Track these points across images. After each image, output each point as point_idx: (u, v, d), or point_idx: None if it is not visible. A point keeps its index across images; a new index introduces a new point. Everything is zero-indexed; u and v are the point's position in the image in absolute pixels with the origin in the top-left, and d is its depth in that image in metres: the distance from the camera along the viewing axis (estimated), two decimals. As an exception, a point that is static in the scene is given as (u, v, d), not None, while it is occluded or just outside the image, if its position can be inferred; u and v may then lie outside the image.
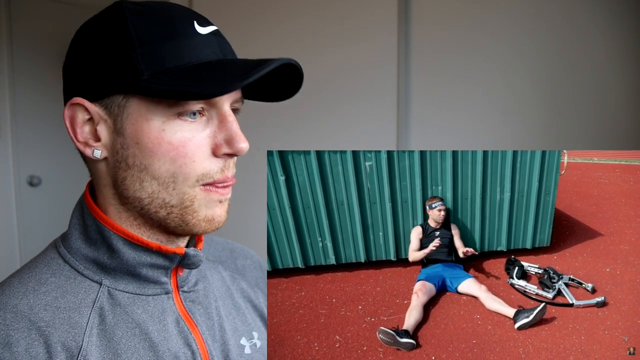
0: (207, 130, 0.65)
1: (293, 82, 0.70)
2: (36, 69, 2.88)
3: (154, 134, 0.63)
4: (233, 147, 0.65)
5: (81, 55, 0.65)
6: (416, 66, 2.26)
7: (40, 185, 3.05)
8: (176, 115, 0.63)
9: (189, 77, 0.61)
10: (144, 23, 0.62)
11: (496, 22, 2.13)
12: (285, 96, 0.72)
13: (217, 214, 0.68)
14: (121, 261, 0.67)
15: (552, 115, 2.07)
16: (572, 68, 2.02)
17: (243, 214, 2.31)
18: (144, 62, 0.61)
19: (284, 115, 2.39)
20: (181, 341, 0.69)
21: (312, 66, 2.36)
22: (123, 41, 0.62)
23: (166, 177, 0.64)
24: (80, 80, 0.65)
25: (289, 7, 2.40)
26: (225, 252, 0.88)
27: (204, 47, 0.64)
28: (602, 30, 1.97)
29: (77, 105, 0.65)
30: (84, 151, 0.66)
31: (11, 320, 0.61)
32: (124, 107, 0.63)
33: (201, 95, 0.60)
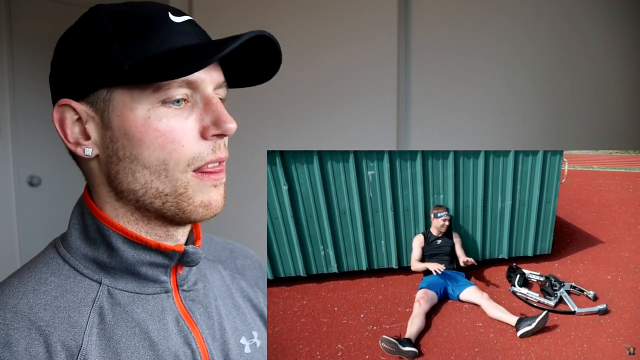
0: (193, 115, 0.66)
1: (273, 58, 0.71)
2: (36, 69, 2.87)
3: (140, 122, 0.64)
4: (221, 128, 0.65)
5: (64, 58, 0.67)
6: (416, 66, 2.26)
7: (40, 185, 3.05)
8: (160, 102, 0.64)
9: (167, 60, 0.62)
10: (120, 20, 0.64)
11: (496, 22, 2.12)
12: (269, 75, 0.73)
13: (214, 198, 0.68)
14: (120, 260, 0.67)
15: (552, 115, 2.07)
16: (572, 68, 2.02)
17: (243, 214, 2.31)
18: (123, 55, 0.63)
19: (284, 115, 2.39)
20: (181, 340, 0.69)
21: (312, 66, 2.36)
22: (101, 38, 0.63)
23: (157, 165, 0.65)
24: (65, 82, 0.67)
25: (289, 7, 2.40)
26: (225, 251, 0.88)
27: (180, 34, 0.65)
28: (602, 30, 1.97)
29: (64, 106, 0.66)
30: (75, 151, 0.67)
31: (11, 319, 0.61)
32: (109, 100, 0.64)
33: (180, 73, 0.61)
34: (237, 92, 0.82)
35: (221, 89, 0.69)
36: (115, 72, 0.63)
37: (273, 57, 0.70)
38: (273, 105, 2.34)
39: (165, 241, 0.70)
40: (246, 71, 0.73)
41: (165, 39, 0.64)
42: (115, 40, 0.63)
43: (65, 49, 0.67)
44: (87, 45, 0.64)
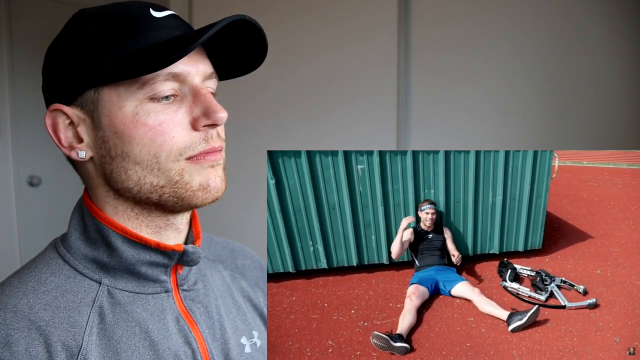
0: (183, 107, 0.66)
1: (259, 45, 0.71)
2: (36, 69, 2.84)
3: (129, 119, 0.64)
4: (211, 118, 0.65)
5: (52, 65, 0.68)
6: (416, 66, 2.26)
7: (40, 185, 3.05)
8: (148, 99, 0.64)
9: (148, 54, 0.63)
10: (102, 21, 0.65)
11: (496, 22, 2.13)
12: (257, 62, 0.73)
13: (212, 179, 0.67)
14: (120, 259, 0.67)
15: (552, 115, 2.07)
16: (572, 68, 2.02)
17: (243, 214, 2.31)
18: (107, 54, 0.63)
19: (284, 115, 2.39)
20: (181, 340, 0.69)
21: (312, 66, 2.36)
22: (85, 40, 0.64)
23: (148, 160, 0.65)
24: (54, 87, 0.67)
25: (289, 8, 2.40)
26: (225, 251, 0.88)
27: (162, 28, 0.66)
28: (602, 30, 1.97)
29: (55, 111, 0.67)
30: (69, 155, 0.68)
31: (11, 319, 0.61)
32: (97, 101, 0.65)
33: (162, 63, 0.61)
34: (237, 92, 0.82)
35: (210, 81, 0.69)
36: (100, 72, 0.63)
37: (259, 42, 0.70)
38: (273, 105, 2.34)
39: (165, 231, 0.70)
40: (234, 60, 0.73)
41: (147, 34, 0.64)
42: (98, 41, 0.64)
43: (52, 55, 0.68)
44: (72, 49, 0.65)
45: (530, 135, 2.11)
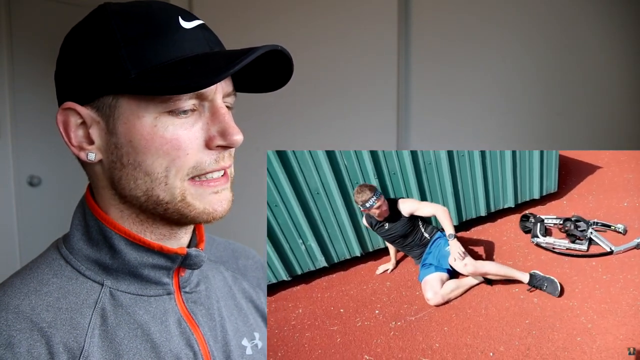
0: (200, 123, 0.65)
1: (284, 69, 0.69)
2: (36, 69, 2.87)
3: (147, 130, 0.63)
4: (227, 139, 0.65)
5: (69, 60, 0.66)
6: (416, 66, 2.26)
7: (40, 185, 3.05)
8: (167, 112, 0.63)
9: (175, 72, 0.61)
10: (127, 23, 0.63)
11: (496, 22, 2.13)
12: (278, 84, 0.71)
13: (216, 203, 0.67)
14: (123, 262, 0.67)
15: (552, 115, 2.08)
16: (572, 68, 2.02)
17: (243, 214, 2.31)
18: (130, 62, 0.61)
19: (284, 115, 2.39)
20: (183, 342, 0.69)
21: (312, 66, 2.36)
22: (108, 43, 0.62)
23: (159, 172, 0.64)
24: (70, 85, 0.66)
25: (288, 8, 2.40)
26: (227, 252, 0.88)
27: (190, 41, 0.64)
28: (603, 30, 1.97)
29: (69, 109, 0.65)
30: (78, 155, 0.67)
31: (13, 321, 0.61)
32: (115, 107, 0.63)
33: (189, 88, 0.60)
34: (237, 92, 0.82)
35: (229, 97, 0.68)
36: (121, 80, 0.62)
37: (284, 69, 0.69)
38: (273, 105, 2.34)
39: (169, 240, 0.70)
40: (256, 80, 0.72)
41: (175, 46, 0.63)
42: (122, 45, 0.62)
43: (71, 49, 0.66)
44: (93, 48, 0.63)
45: (530, 135, 2.11)
